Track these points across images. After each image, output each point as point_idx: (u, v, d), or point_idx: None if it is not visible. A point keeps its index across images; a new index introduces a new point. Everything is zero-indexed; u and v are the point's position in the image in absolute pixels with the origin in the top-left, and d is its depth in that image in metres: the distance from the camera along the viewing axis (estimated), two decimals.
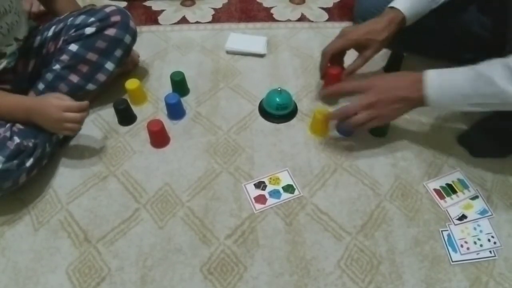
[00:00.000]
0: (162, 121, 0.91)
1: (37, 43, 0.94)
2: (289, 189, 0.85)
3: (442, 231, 0.78)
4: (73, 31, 0.90)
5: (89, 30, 0.90)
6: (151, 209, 0.83)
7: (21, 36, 0.88)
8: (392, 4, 0.90)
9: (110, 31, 0.91)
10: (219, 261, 0.75)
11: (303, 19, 1.31)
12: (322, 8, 1.35)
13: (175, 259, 0.75)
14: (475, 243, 0.77)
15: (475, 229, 0.79)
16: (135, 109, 1.00)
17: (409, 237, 0.78)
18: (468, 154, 0.91)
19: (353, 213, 0.82)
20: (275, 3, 1.37)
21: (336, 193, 0.85)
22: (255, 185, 0.86)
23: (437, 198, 0.83)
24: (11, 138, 0.78)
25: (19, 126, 0.82)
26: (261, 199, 0.84)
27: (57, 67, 0.90)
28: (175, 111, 0.99)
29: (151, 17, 1.32)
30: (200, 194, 0.85)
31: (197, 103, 1.04)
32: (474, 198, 0.83)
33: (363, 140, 0.94)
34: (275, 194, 0.84)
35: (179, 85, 1.03)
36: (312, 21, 1.30)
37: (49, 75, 0.91)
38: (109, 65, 0.93)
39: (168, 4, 1.38)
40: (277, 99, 0.97)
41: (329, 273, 0.74)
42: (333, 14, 1.33)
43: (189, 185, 0.86)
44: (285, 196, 0.84)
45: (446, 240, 0.77)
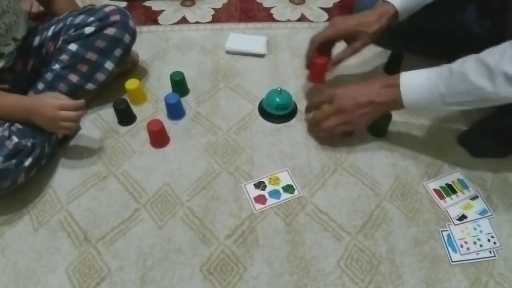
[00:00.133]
0: (162, 121, 0.91)
1: (36, 43, 0.94)
2: (289, 189, 0.85)
3: (442, 231, 0.78)
4: (72, 30, 0.91)
5: (88, 29, 0.90)
6: (151, 209, 0.83)
7: (20, 36, 0.88)
8: None
9: (109, 31, 0.91)
10: (219, 261, 0.75)
11: (303, 19, 1.31)
12: (322, 8, 1.35)
13: (175, 259, 0.75)
14: (475, 243, 0.76)
15: (475, 229, 0.79)
16: (135, 109, 1.00)
17: (409, 237, 0.78)
18: (468, 154, 0.91)
19: (353, 213, 0.82)
20: (275, 3, 1.37)
21: (336, 193, 0.85)
22: (255, 185, 0.86)
23: (437, 198, 0.83)
24: (9, 137, 0.78)
25: (18, 125, 0.82)
26: (261, 199, 0.84)
27: (56, 66, 0.90)
28: (175, 111, 0.99)
29: (151, 17, 1.32)
30: (200, 194, 0.85)
31: (197, 103, 1.03)
32: (474, 198, 0.83)
33: (363, 140, 0.94)
34: (275, 194, 0.84)
35: (179, 85, 1.03)
36: (312, 21, 1.30)
37: (49, 75, 0.91)
38: (109, 65, 0.93)
39: (168, 4, 1.38)
40: (277, 99, 0.97)
41: (329, 273, 0.74)
42: (333, 14, 1.32)
43: (189, 185, 0.86)
44: (285, 196, 0.84)
45: (446, 240, 0.77)
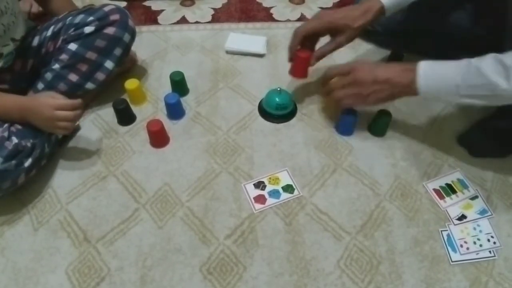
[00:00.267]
0: (161, 121, 0.91)
1: (35, 43, 0.94)
2: (288, 189, 0.85)
3: (441, 231, 0.78)
4: (72, 30, 0.90)
5: (88, 29, 0.90)
6: (151, 209, 0.83)
7: (18, 36, 0.88)
8: None
9: (109, 30, 0.91)
10: (219, 261, 0.75)
11: (302, 19, 1.31)
12: (321, 8, 1.35)
13: (175, 259, 0.75)
14: (475, 243, 0.77)
15: (474, 229, 0.79)
16: (135, 109, 1.00)
17: (408, 237, 0.78)
18: (467, 154, 0.91)
19: (353, 213, 0.82)
20: (275, 3, 1.37)
21: (335, 193, 0.85)
22: (254, 185, 0.86)
23: (437, 198, 0.83)
24: (9, 138, 0.78)
25: (18, 126, 0.81)
26: (260, 199, 0.84)
27: (56, 66, 0.90)
28: (175, 111, 0.99)
29: (151, 17, 1.32)
30: (199, 194, 0.85)
31: (197, 103, 1.03)
32: (473, 198, 0.83)
33: (363, 140, 0.94)
34: (274, 194, 0.84)
35: (179, 85, 1.03)
36: None
37: (49, 75, 0.91)
38: (109, 64, 0.93)
39: (167, 4, 1.38)
40: (277, 99, 0.97)
41: (329, 273, 0.74)
42: None
43: (189, 185, 0.86)
44: (284, 196, 0.84)
45: (445, 240, 0.77)
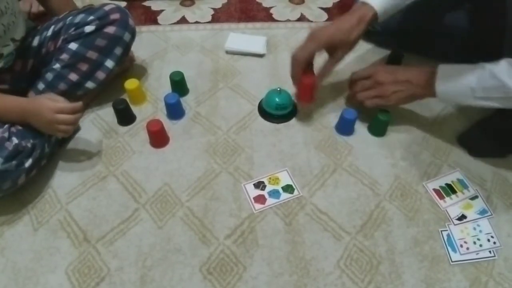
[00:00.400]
0: (161, 121, 0.91)
1: (35, 43, 0.94)
2: (288, 189, 0.85)
3: (441, 231, 0.78)
4: (72, 29, 0.91)
5: (88, 28, 0.90)
6: (151, 209, 0.83)
7: (18, 36, 0.88)
8: None
9: (109, 29, 0.91)
10: (219, 261, 0.75)
11: (302, 19, 1.31)
12: (321, 8, 1.35)
13: (175, 259, 0.75)
14: (475, 243, 0.77)
15: (474, 229, 0.79)
16: (135, 109, 1.00)
17: (408, 237, 0.78)
18: (467, 154, 0.91)
19: (353, 213, 0.82)
20: (275, 3, 1.37)
21: (335, 193, 0.85)
22: (254, 185, 0.86)
23: (437, 198, 0.83)
24: (9, 138, 0.78)
25: (18, 126, 0.81)
26: (260, 199, 0.84)
27: (57, 66, 0.90)
28: (175, 111, 0.99)
29: (151, 17, 1.32)
30: (199, 194, 0.85)
31: (197, 103, 1.03)
32: (473, 198, 0.83)
33: (362, 140, 0.94)
34: (274, 194, 0.84)
35: (179, 85, 1.03)
36: (311, 21, 1.30)
37: (49, 75, 0.91)
38: (109, 63, 0.93)
39: (167, 4, 1.38)
40: (277, 99, 0.97)
41: (329, 273, 0.74)
42: (333, 14, 1.32)
43: (189, 185, 0.86)
44: (284, 196, 0.84)
45: (445, 240, 0.77)
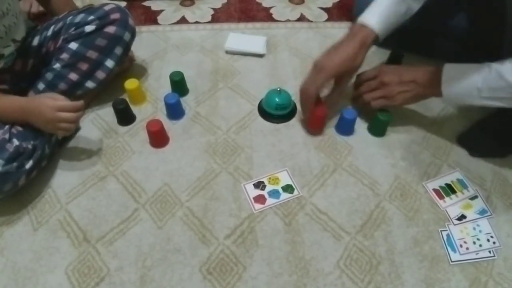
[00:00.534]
0: (161, 121, 0.91)
1: (36, 43, 0.94)
2: (288, 189, 0.85)
3: (441, 231, 0.78)
4: (72, 29, 0.91)
5: (88, 28, 0.90)
6: (150, 209, 0.83)
7: (19, 37, 0.88)
8: (363, 19, 0.86)
9: (109, 29, 0.91)
10: (218, 261, 0.75)
11: (302, 19, 1.31)
12: (321, 8, 1.35)
13: (174, 259, 0.75)
14: (474, 243, 0.77)
15: (474, 229, 0.79)
16: (134, 109, 1.00)
17: (408, 237, 0.78)
18: (467, 154, 0.91)
19: (353, 213, 0.82)
20: (275, 3, 1.37)
21: (335, 193, 0.85)
22: (254, 185, 0.86)
23: (437, 198, 0.83)
24: (10, 140, 0.78)
25: (18, 128, 0.81)
26: (260, 199, 0.84)
27: (57, 66, 0.90)
28: (174, 111, 0.99)
29: (151, 17, 1.32)
30: (199, 194, 0.85)
31: (197, 103, 1.03)
32: (473, 198, 0.83)
33: (362, 140, 0.94)
34: (274, 194, 0.84)
35: (179, 85, 1.03)
36: (311, 21, 1.30)
37: (49, 75, 0.91)
38: (109, 63, 0.93)
39: (167, 4, 1.38)
40: (277, 99, 0.97)
41: (328, 273, 0.74)
42: (333, 14, 1.33)
43: (188, 185, 0.86)
44: (284, 196, 0.84)
45: (445, 240, 0.77)
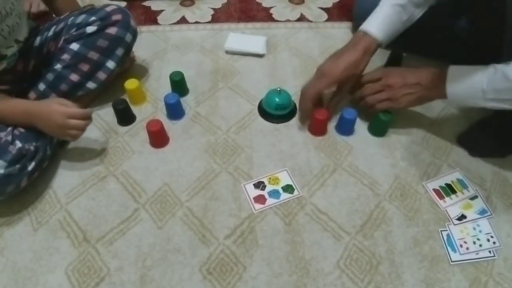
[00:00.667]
0: (161, 121, 0.91)
1: (37, 43, 0.94)
2: (288, 189, 0.85)
3: (441, 231, 0.78)
4: (74, 30, 0.91)
5: (90, 29, 0.90)
6: (150, 209, 0.83)
7: (22, 38, 0.88)
8: (365, 27, 0.86)
9: (111, 30, 0.91)
10: (219, 261, 0.75)
11: (302, 19, 1.31)
12: (321, 8, 1.35)
13: (174, 259, 0.75)
14: (475, 243, 0.76)
15: (474, 229, 0.79)
16: (134, 109, 1.00)
17: (408, 237, 0.78)
18: (467, 154, 0.91)
19: (353, 213, 0.82)
20: (275, 3, 1.37)
21: (335, 193, 0.85)
22: (254, 185, 0.86)
23: (437, 198, 0.83)
24: (12, 142, 0.78)
25: (21, 129, 0.81)
26: (260, 199, 0.84)
27: (58, 66, 0.90)
28: (174, 111, 0.99)
29: (151, 17, 1.32)
30: (199, 194, 0.85)
31: (196, 103, 1.03)
32: (473, 198, 0.83)
33: (362, 140, 0.94)
34: (274, 194, 0.84)
35: (179, 85, 1.03)
36: (311, 21, 1.30)
37: (50, 75, 0.91)
38: (110, 64, 0.93)
39: (167, 4, 1.38)
40: (277, 99, 0.97)
41: (328, 273, 0.74)
42: (333, 14, 1.33)
43: (188, 185, 0.86)
44: (284, 196, 0.84)
45: (445, 240, 0.77)
